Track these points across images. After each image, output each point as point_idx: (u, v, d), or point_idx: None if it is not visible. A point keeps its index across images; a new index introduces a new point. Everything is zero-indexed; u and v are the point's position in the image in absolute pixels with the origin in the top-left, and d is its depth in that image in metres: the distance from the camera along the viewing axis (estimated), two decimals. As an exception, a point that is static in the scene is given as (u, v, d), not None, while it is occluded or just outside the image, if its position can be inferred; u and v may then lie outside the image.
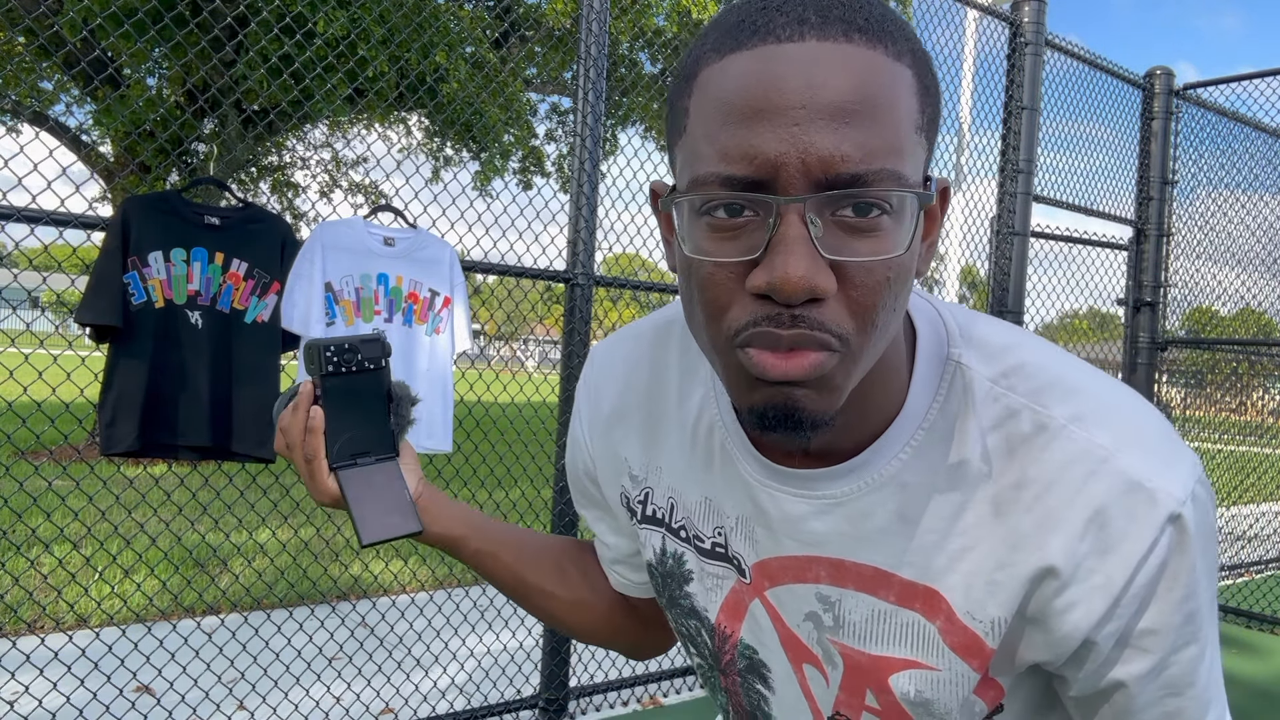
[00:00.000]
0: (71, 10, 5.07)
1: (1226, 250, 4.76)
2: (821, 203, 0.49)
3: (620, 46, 7.31)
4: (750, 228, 0.51)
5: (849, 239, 0.50)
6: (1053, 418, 0.59)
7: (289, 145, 10.26)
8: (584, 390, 0.82)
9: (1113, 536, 0.56)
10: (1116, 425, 0.58)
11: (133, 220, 2.10)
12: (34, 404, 2.62)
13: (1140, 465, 0.57)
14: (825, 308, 0.50)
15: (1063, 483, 0.57)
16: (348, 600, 4.16)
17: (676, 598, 0.77)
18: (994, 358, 0.62)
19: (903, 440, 0.61)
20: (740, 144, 0.49)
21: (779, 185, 0.49)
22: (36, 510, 5.03)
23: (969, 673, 0.63)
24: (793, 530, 0.65)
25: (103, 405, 2.10)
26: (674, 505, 0.74)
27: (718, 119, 0.51)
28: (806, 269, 0.48)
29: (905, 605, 0.63)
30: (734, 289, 0.52)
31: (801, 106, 0.48)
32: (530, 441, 4.05)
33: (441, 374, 2.51)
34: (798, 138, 0.48)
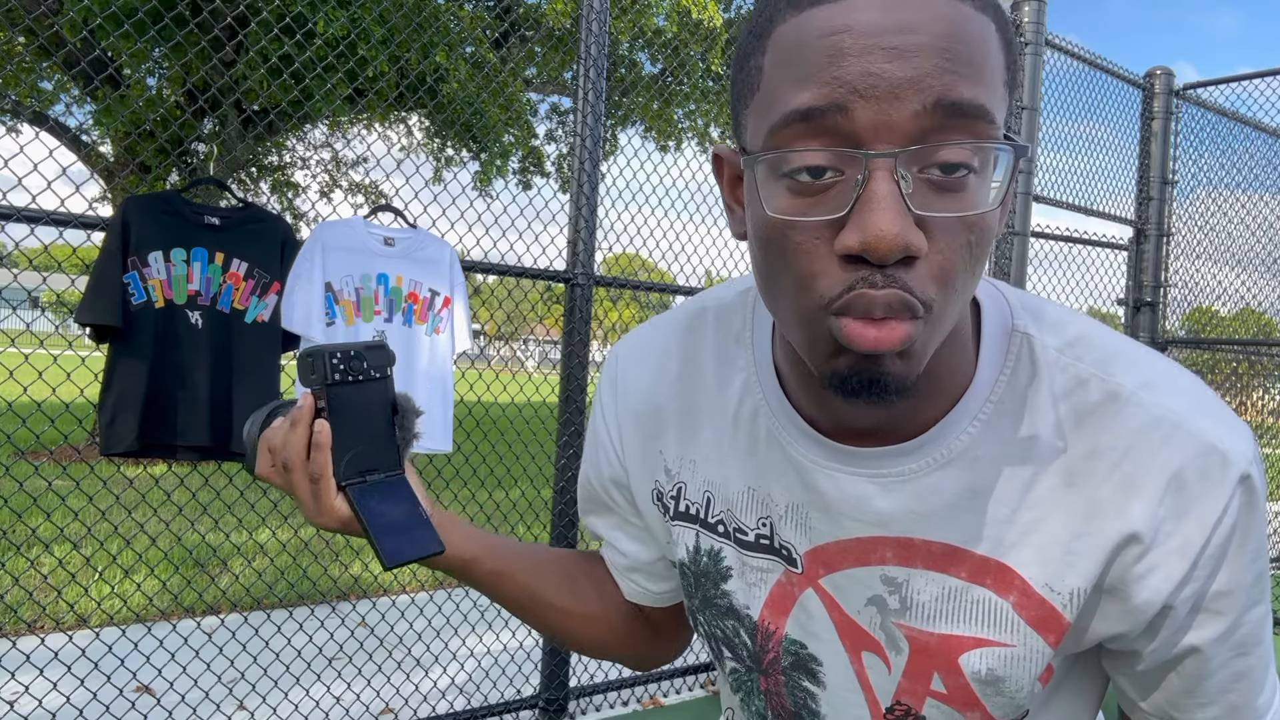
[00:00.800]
0: (71, 10, 5.07)
1: (1226, 250, 4.76)
2: (911, 158, 0.47)
3: (620, 46, 7.31)
4: (836, 189, 0.49)
5: (936, 196, 0.48)
6: (1123, 385, 0.58)
7: (289, 145, 10.26)
8: (609, 387, 0.78)
9: (1190, 498, 0.56)
10: (1184, 392, 0.59)
11: (133, 220, 2.10)
12: (34, 404, 2.62)
13: (1212, 428, 0.57)
14: (914, 271, 0.48)
15: (1139, 448, 0.57)
16: (348, 600, 4.16)
17: (712, 597, 0.74)
18: (1058, 328, 0.61)
19: (971, 414, 0.60)
20: (824, 78, 0.47)
21: (867, 126, 0.47)
22: (36, 510, 5.03)
23: (1044, 647, 0.62)
24: (855, 511, 0.63)
25: (103, 405, 2.10)
26: (710, 500, 0.72)
27: (799, 67, 0.48)
28: (901, 226, 0.46)
29: (976, 582, 0.62)
30: (821, 253, 0.50)
31: (893, 46, 0.46)
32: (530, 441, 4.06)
33: (441, 374, 2.51)
34: (889, 71, 0.46)
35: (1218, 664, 0.60)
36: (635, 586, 0.84)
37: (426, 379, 2.48)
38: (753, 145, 0.53)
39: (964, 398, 0.60)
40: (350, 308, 2.36)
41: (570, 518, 2.78)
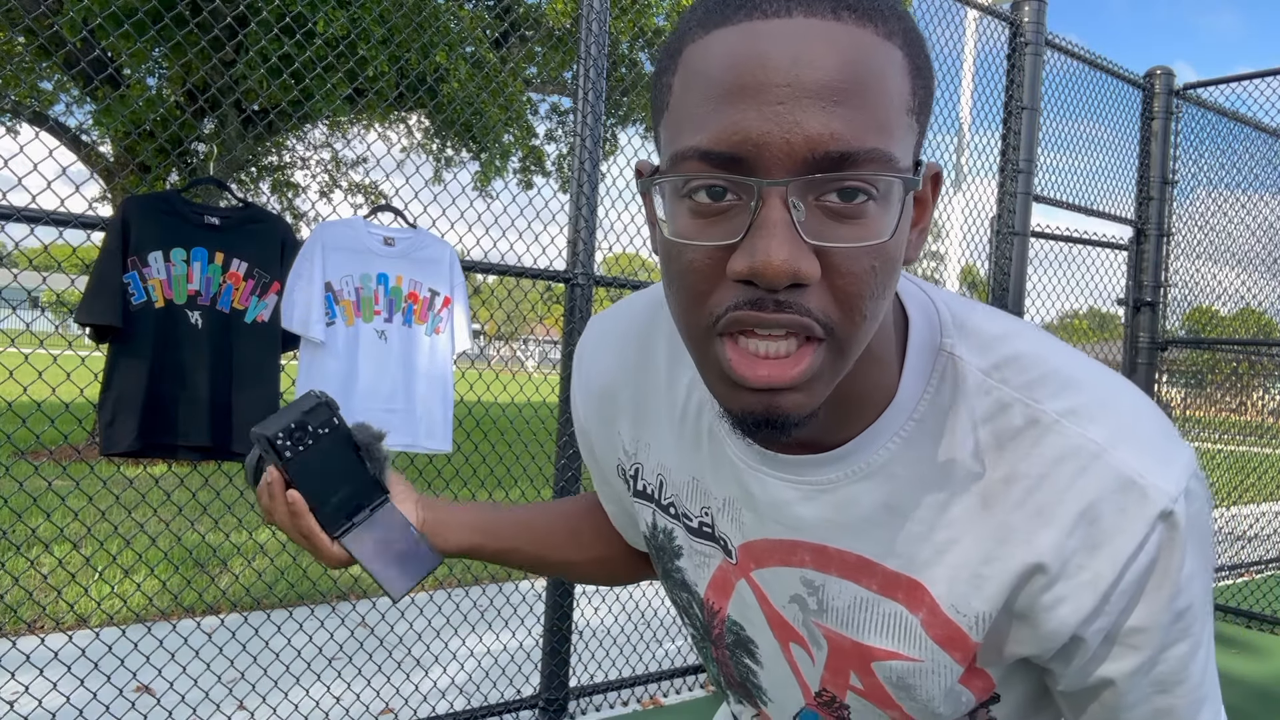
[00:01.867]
0: (71, 10, 5.07)
1: (1226, 250, 4.76)
2: (805, 186, 0.48)
3: (620, 46, 7.31)
4: (732, 212, 0.49)
5: (833, 224, 0.48)
6: (1045, 412, 0.57)
7: (289, 145, 10.26)
8: (577, 364, 0.82)
9: (1103, 533, 0.56)
10: (1111, 420, 0.57)
11: (132, 220, 2.10)
12: (34, 404, 2.62)
13: (1133, 461, 0.56)
14: (809, 294, 0.49)
15: (1053, 478, 0.57)
16: (348, 600, 4.16)
17: (669, 570, 0.78)
18: (987, 348, 0.61)
19: (892, 430, 0.60)
20: (723, 121, 0.48)
21: (761, 166, 0.47)
22: (36, 510, 5.03)
23: (951, 664, 0.62)
24: (778, 514, 0.65)
25: (102, 405, 2.10)
26: (663, 482, 0.75)
27: (700, 95, 0.49)
28: (789, 253, 0.47)
29: (887, 595, 0.63)
30: (714, 275, 0.50)
31: (787, 84, 0.46)
32: (530, 441, 4.06)
33: (441, 374, 2.51)
34: (782, 116, 0.46)
35: (1135, 698, 0.60)
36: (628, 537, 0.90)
37: (426, 379, 2.48)
38: (663, 163, 0.53)
39: (885, 413, 0.60)
40: (350, 308, 2.36)
41: (570, 518, 2.78)
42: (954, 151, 4.17)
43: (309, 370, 2.30)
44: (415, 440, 2.44)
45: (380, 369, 2.40)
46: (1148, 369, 4.31)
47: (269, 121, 7.10)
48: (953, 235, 4.18)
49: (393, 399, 2.41)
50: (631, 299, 0.79)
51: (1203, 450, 6.17)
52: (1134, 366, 4.32)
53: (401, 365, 2.44)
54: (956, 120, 4.05)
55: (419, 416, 2.45)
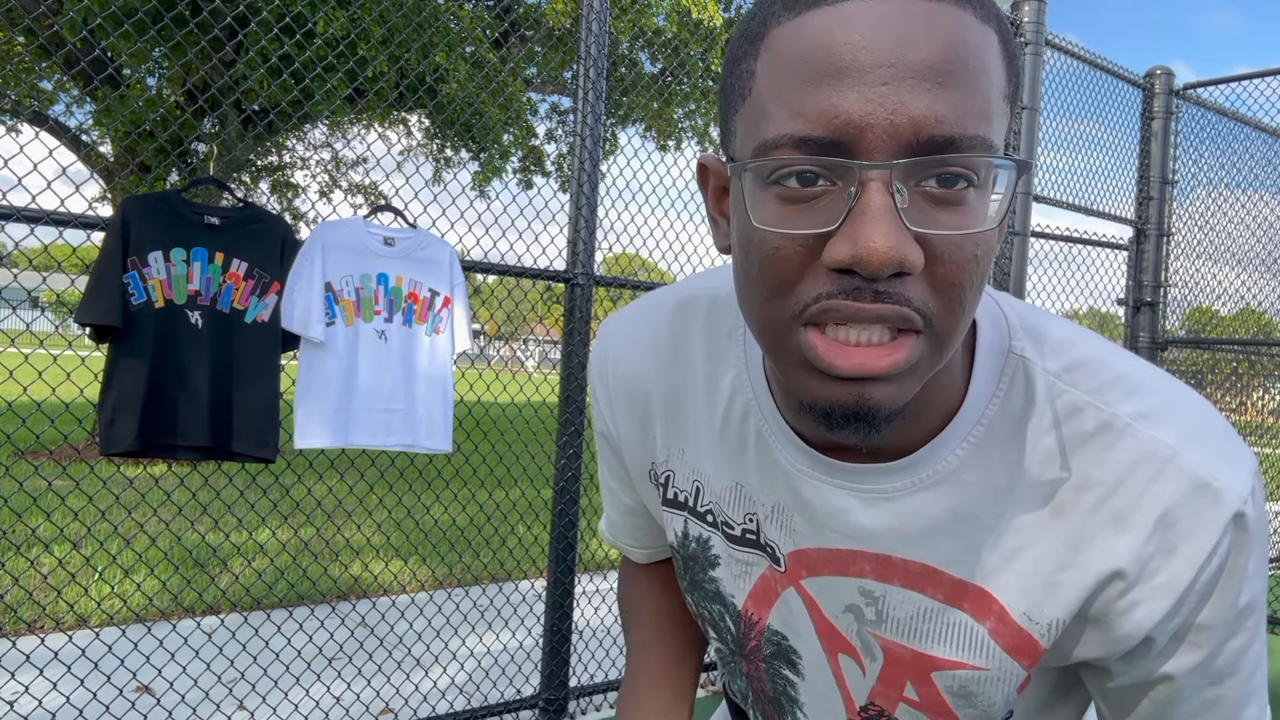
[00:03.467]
0: (71, 10, 5.07)
1: (1226, 250, 4.76)
2: (908, 171, 0.45)
3: (620, 46, 7.31)
4: (826, 199, 0.47)
5: (934, 211, 0.46)
6: (1117, 415, 0.56)
7: (289, 145, 10.26)
8: (598, 374, 0.77)
9: (1179, 536, 0.55)
10: (1180, 424, 0.57)
11: (132, 220, 2.10)
12: (34, 404, 2.62)
13: (1206, 464, 0.55)
14: (910, 284, 0.47)
15: (1129, 483, 0.56)
16: (348, 600, 4.16)
17: (700, 581, 0.75)
18: (1057, 352, 0.59)
19: (961, 436, 0.58)
20: (820, 103, 0.45)
21: (862, 149, 0.45)
22: (36, 510, 5.03)
23: (1018, 670, 0.62)
24: (837, 523, 0.62)
25: (102, 405, 2.10)
26: (699, 489, 0.71)
27: (793, 79, 0.46)
28: (896, 240, 0.44)
29: (953, 604, 0.61)
30: (803, 264, 0.47)
31: (890, 65, 0.44)
32: (530, 441, 4.06)
33: (441, 374, 2.51)
34: (887, 98, 0.44)
35: (1190, 692, 0.60)
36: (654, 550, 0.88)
37: (427, 379, 2.48)
38: (741, 154, 0.51)
39: (954, 419, 0.59)
40: (350, 308, 2.36)
41: (570, 518, 2.78)
42: (954, 151, 4.16)
43: (309, 370, 2.31)
44: (415, 440, 2.44)
45: (380, 369, 2.40)
46: (1148, 369, 4.30)
47: (269, 121, 7.10)
48: (953, 235, 4.18)
49: (393, 399, 2.41)
50: (650, 300, 0.75)
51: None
52: (1134, 366, 4.31)
53: (402, 365, 2.44)
54: (956, 120, 4.05)
55: (419, 416, 2.45)
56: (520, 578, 4.59)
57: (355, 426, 2.35)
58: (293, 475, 6.65)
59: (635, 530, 0.86)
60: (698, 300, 0.71)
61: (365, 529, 5.49)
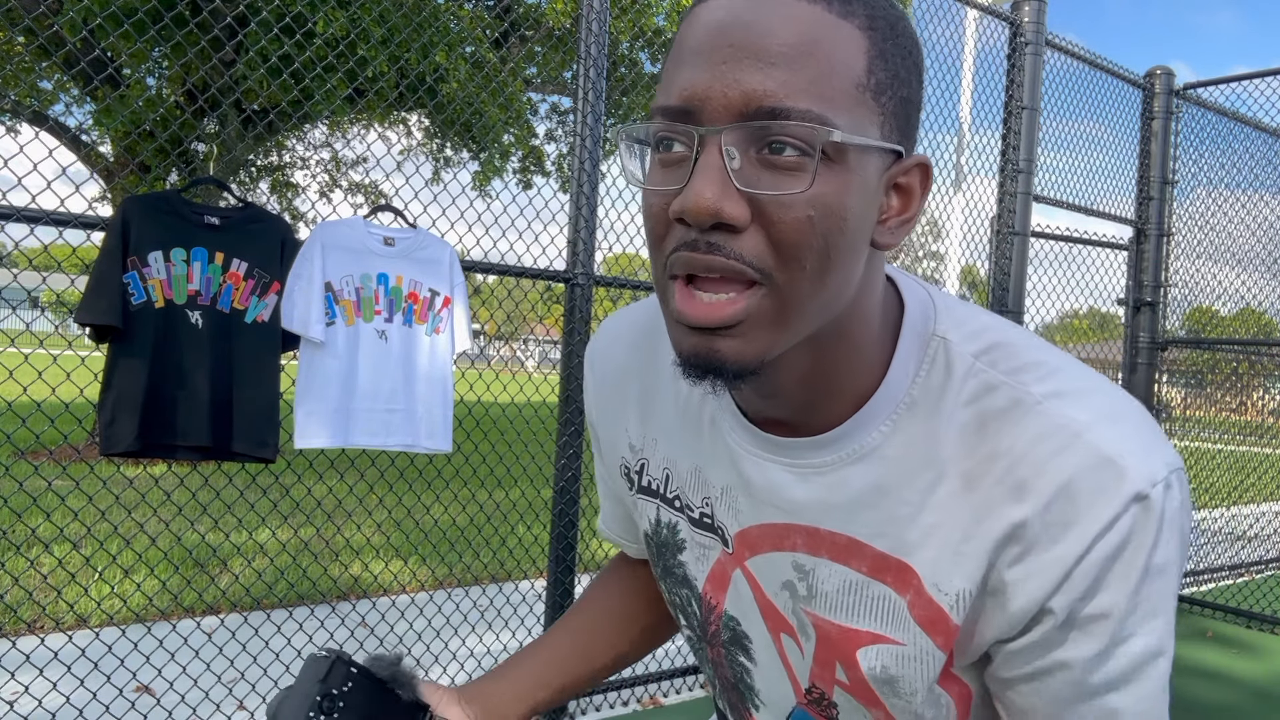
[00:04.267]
0: (71, 10, 5.07)
1: (1226, 250, 4.76)
2: (741, 137, 0.51)
3: (620, 46, 7.31)
4: (680, 162, 0.53)
5: (766, 174, 0.51)
6: (1030, 393, 0.58)
7: (289, 145, 10.26)
8: (588, 363, 0.84)
9: (1076, 509, 0.55)
10: (1095, 405, 0.58)
11: (132, 220, 2.10)
12: (34, 404, 2.62)
13: (1114, 442, 0.56)
14: (743, 240, 0.52)
15: (1034, 455, 0.57)
16: (348, 600, 4.16)
17: (670, 566, 0.79)
18: (977, 335, 0.62)
19: (884, 413, 0.62)
20: (677, 79, 0.53)
21: (704, 118, 0.51)
22: (36, 510, 5.03)
23: (934, 650, 0.62)
24: (773, 497, 0.66)
25: (102, 405, 2.10)
26: (669, 475, 0.76)
27: (674, 58, 0.55)
28: (714, 193, 0.50)
29: (877, 577, 0.63)
30: (666, 217, 0.54)
31: (730, 45, 0.51)
32: (530, 441, 4.06)
33: (442, 374, 2.51)
34: (724, 74, 0.51)
35: (1086, 691, 0.58)
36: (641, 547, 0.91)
37: (427, 379, 2.48)
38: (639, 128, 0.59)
39: (876, 396, 0.62)
40: (350, 307, 2.36)
41: (570, 518, 2.78)
42: (954, 151, 4.17)
43: (309, 370, 2.31)
44: (416, 440, 2.44)
45: (381, 369, 2.40)
46: (1148, 369, 4.31)
47: (269, 121, 7.10)
48: (953, 235, 4.18)
49: (393, 399, 2.41)
50: (639, 303, 0.83)
51: (1203, 450, 6.17)
52: (1134, 366, 4.32)
53: (402, 365, 2.44)
54: (956, 120, 4.05)
55: (419, 416, 2.45)
56: (520, 578, 4.59)
57: (355, 426, 2.36)
58: (293, 475, 6.65)
59: (626, 521, 0.89)
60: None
61: (365, 529, 5.49)
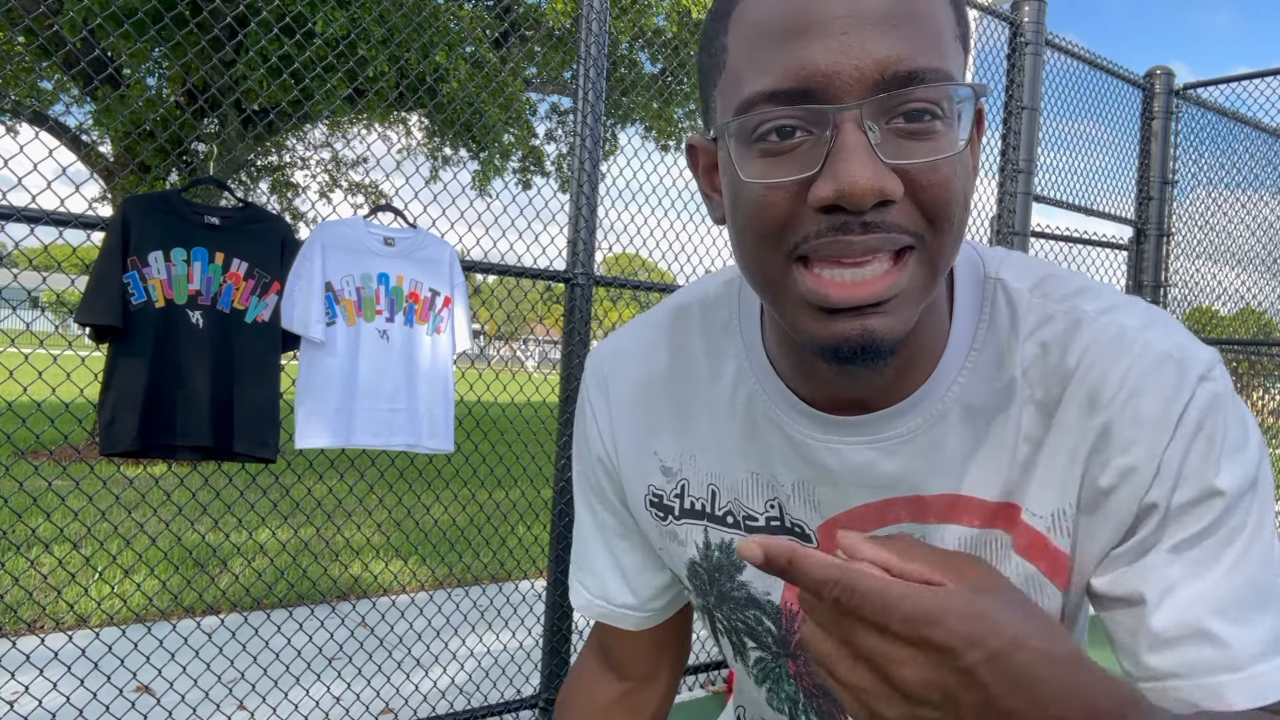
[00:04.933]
0: (71, 10, 5.07)
1: (1226, 250, 4.76)
2: (877, 109, 0.49)
3: (620, 46, 7.31)
4: (804, 147, 0.50)
5: (906, 144, 0.50)
6: (1085, 312, 0.60)
7: (289, 145, 10.26)
8: (595, 388, 0.78)
9: (1149, 405, 0.57)
10: (1142, 313, 0.60)
11: (132, 220, 2.10)
12: (34, 404, 2.62)
13: (1167, 340, 0.58)
14: (894, 212, 0.50)
15: (1097, 364, 0.58)
16: (348, 600, 4.16)
17: (728, 591, 0.74)
18: (1026, 271, 0.63)
19: (958, 364, 0.61)
20: (787, 59, 0.49)
21: (832, 96, 0.49)
22: (36, 510, 5.03)
23: (1038, 576, 0.62)
24: (862, 479, 0.64)
25: (102, 405, 2.10)
26: (715, 492, 0.72)
27: (761, 42, 0.50)
28: (873, 171, 0.48)
29: (989, 526, 0.63)
30: (792, 209, 0.51)
31: (847, 15, 0.48)
32: (530, 441, 4.05)
33: (443, 373, 2.50)
34: (848, 45, 0.48)
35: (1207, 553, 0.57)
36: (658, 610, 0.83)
37: (428, 378, 2.47)
38: (724, 120, 0.54)
39: (946, 350, 0.62)
40: (351, 307, 2.36)
41: (570, 518, 2.78)
42: (954, 151, 4.16)
43: (310, 370, 2.30)
44: (418, 440, 2.44)
45: (382, 368, 2.40)
46: (1148, 369, 4.30)
47: (269, 121, 7.09)
48: (953, 235, 4.18)
49: (395, 398, 2.41)
50: (647, 315, 0.78)
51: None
52: (1134, 366, 4.31)
53: (404, 364, 2.43)
54: (956, 120, 4.05)
55: (421, 416, 2.45)
56: (520, 578, 4.59)
57: (357, 426, 2.35)
58: (293, 475, 6.65)
59: (633, 574, 0.81)
60: (690, 307, 0.74)
61: (365, 529, 5.49)
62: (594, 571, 0.82)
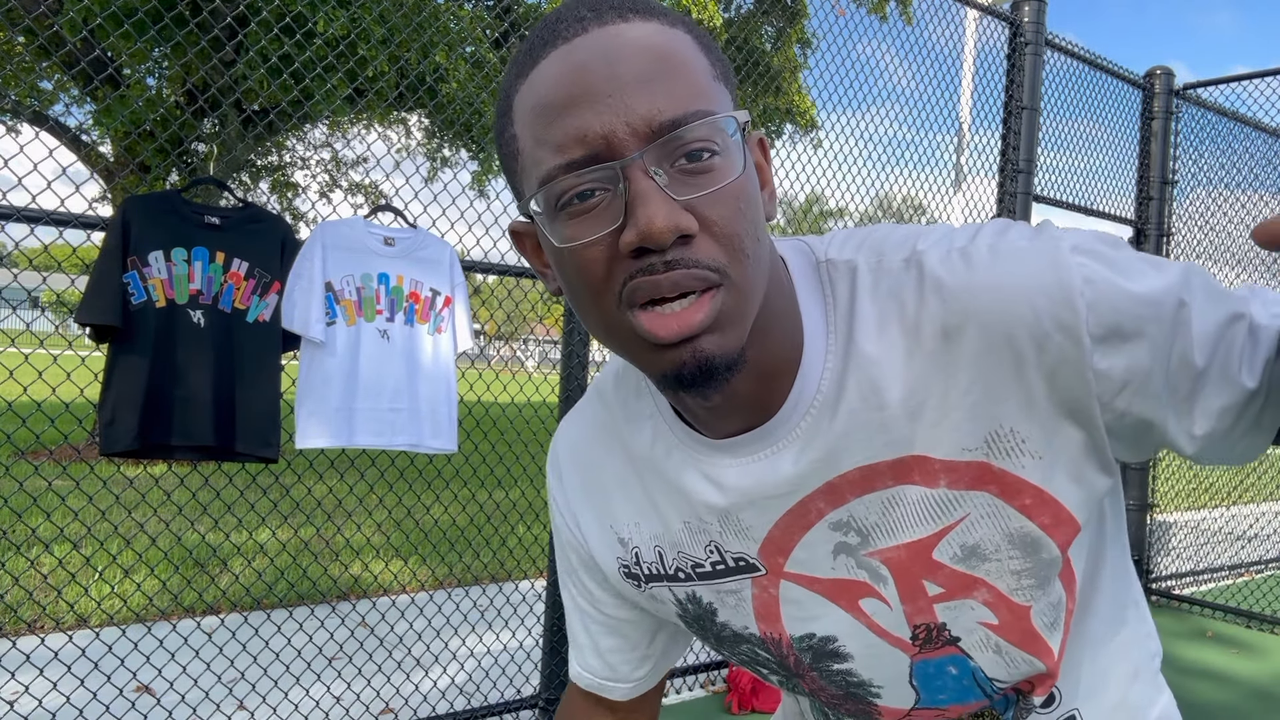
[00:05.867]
0: (71, 10, 5.07)
1: (1226, 250, 4.76)
2: (659, 155, 0.53)
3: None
4: (604, 204, 0.54)
5: (692, 181, 0.53)
6: (916, 250, 0.61)
7: (289, 145, 10.26)
8: (553, 478, 0.82)
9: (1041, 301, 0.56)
10: (982, 233, 0.61)
11: (133, 220, 2.10)
12: (34, 404, 2.62)
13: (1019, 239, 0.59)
14: (693, 247, 0.53)
15: (970, 290, 0.58)
16: (348, 600, 4.16)
17: (718, 632, 0.77)
18: (848, 242, 0.65)
19: (821, 353, 0.63)
20: (568, 131, 0.53)
21: (615, 152, 0.53)
22: (36, 510, 5.03)
23: (993, 500, 0.62)
24: (772, 489, 0.65)
25: (102, 405, 2.10)
26: (661, 553, 0.74)
27: (541, 122, 0.55)
28: (668, 209, 0.52)
29: (904, 482, 0.63)
30: (609, 261, 0.55)
31: (607, 80, 0.53)
32: (530, 441, 4.05)
33: (445, 373, 2.50)
34: (615, 106, 0.52)
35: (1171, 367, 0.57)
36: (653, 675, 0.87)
37: (430, 378, 2.47)
38: (529, 201, 0.58)
39: (805, 345, 0.63)
40: (352, 307, 2.36)
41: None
42: (954, 151, 4.17)
43: (310, 370, 2.30)
44: (421, 440, 2.43)
45: (383, 368, 2.40)
46: (1148, 369, 4.29)
47: (269, 121, 7.10)
48: (953, 235, 4.18)
49: (397, 398, 2.41)
50: (580, 404, 0.81)
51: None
52: (1134, 366, 4.31)
53: (405, 364, 2.43)
54: (956, 120, 4.05)
55: (424, 416, 2.45)
56: (520, 578, 4.59)
57: (359, 426, 2.35)
58: (293, 475, 6.65)
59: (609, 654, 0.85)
60: (604, 385, 0.78)
61: (365, 529, 5.49)
62: (579, 647, 0.87)
